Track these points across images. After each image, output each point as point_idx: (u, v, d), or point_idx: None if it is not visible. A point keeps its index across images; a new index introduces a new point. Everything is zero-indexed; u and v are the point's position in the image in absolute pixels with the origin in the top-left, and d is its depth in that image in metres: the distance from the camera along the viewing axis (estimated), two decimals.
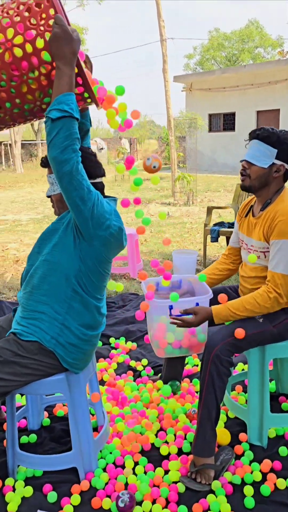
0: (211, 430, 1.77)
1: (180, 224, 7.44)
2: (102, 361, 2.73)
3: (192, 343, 1.92)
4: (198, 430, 1.78)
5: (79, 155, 1.52)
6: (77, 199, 1.54)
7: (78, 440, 1.78)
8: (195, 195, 10.10)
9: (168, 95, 9.85)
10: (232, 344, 1.77)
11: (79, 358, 1.72)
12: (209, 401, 1.76)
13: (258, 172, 1.87)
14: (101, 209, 1.61)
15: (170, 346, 1.91)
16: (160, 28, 9.51)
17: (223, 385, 1.77)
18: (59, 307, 1.68)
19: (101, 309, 1.77)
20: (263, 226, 1.88)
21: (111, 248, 1.69)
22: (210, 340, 1.79)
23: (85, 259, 1.65)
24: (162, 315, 1.89)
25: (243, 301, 1.81)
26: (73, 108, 1.48)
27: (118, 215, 1.71)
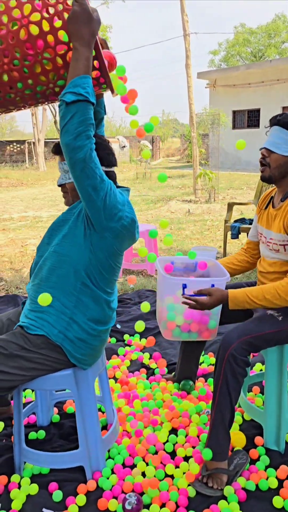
0: (224, 433, 1.68)
1: (200, 222, 7.32)
2: (115, 358, 2.67)
3: (202, 328, 1.84)
4: (210, 433, 1.70)
5: (93, 142, 1.45)
6: (89, 188, 1.48)
7: (85, 438, 1.72)
8: (217, 192, 9.94)
9: (191, 90, 9.72)
10: (249, 342, 1.68)
11: (88, 354, 1.66)
12: (222, 403, 1.67)
13: (278, 160, 1.76)
14: (113, 199, 1.54)
15: (178, 329, 1.83)
16: (184, 23, 9.38)
17: (238, 386, 1.68)
18: (67, 301, 1.62)
19: (111, 304, 1.71)
20: (283, 217, 1.78)
21: (123, 240, 1.62)
22: (225, 338, 1.70)
23: (95, 251, 1.58)
24: (173, 294, 1.81)
25: (263, 290, 1.72)
26: (89, 92, 1.41)
27: (131, 206, 1.64)
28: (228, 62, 25.80)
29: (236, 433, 1.90)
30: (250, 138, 17.75)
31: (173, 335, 1.85)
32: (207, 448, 1.69)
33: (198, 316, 1.81)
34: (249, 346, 1.68)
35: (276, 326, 1.72)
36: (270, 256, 1.87)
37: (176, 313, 1.81)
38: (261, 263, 1.95)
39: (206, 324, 1.83)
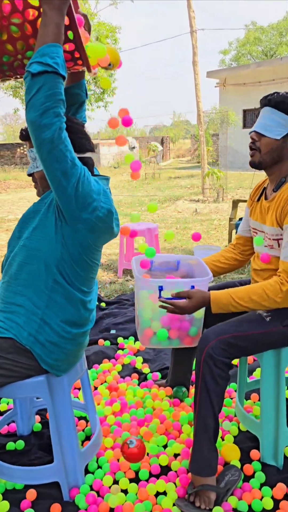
0: (209, 444, 1.51)
1: (207, 221, 7.14)
2: (107, 362, 2.51)
3: (182, 334, 1.65)
4: (194, 444, 1.53)
5: (62, 120, 1.28)
6: (58, 172, 1.31)
7: (61, 451, 1.57)
8: (226, 192, 9.74)
9: (198, 88, 9.54)
10: (228, 342, 1.50)
11: (61, 359, 1.51)
12: (203, 409, 1.50)
13: (269, 144, 1.58)
14: (87, 187, 1.38)
15: (156, 335, 1.64)
16: (190, 19, 9.22)
17: (220, 390, 1.50)
18: (38, 300, 1.47)
19: (88, 304, 1.55)
20: (275, 209, 1.60)
21: (99, 234, 1.46)
22: (203, 337, 1.54)
23: (68, 245, 1.43)
24: (148, 298, 1.63)
25: (250, 290, 1.53)
26: (58, 62, 1.25)
27: (107, 196, 1.48)
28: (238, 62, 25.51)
29: (229, 446, 1.72)
30: None
31: (151, 343, 1.66)
32: (191, 461, 1.53)
33: (177, 322, 1.63)
34: (229, 346, 1.50)
35: (263, 327, 1.54)
36: (263, 252, 1.69)
37: (152, 318, 1.63)
38: (255, 260, 1.77)
39: (187, 331, 1.64)
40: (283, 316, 1.56)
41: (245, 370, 1.94)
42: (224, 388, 1.51)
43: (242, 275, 4.12)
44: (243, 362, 1.93)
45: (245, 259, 1.92)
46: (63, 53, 1.28)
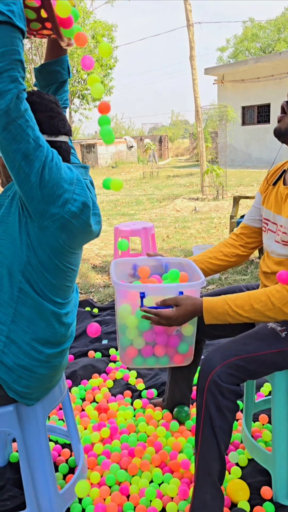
0: (213, 490, 1.25)
1: (207, 220, 6.87)
2: (97, 377, 2.24)
3: (170, 351, 1.36)
4: (195, 489, 1.26)
5: (21, 88, 1.01)
6: (18, 155, 1.05)
7: (34, 494, 1.30)
8: (226, 189, 9.47)
9: (196, 83, 9.27)
10: (238, 366, 1.23)
11: (33, 386, 1.24)
12: (207, 449, 1.24)
13: None
14: (56, 174, 1.11)
15: (140, 355, 1.36)
16: (187, 12, 8.95)
17: (227, 425, 1.24)
18: (2, 314, 1.20)
19: (64, 318, 1.28)
20: None
21: (73, 233, 1.19)
22: (206, 360, 1.27)
23: (34, 247, 1.16)
24: (129, 308, 1.34)
25: (251, 297, 1.25)
26: (14, 11, 0.98)
27: (83, 186, 1.21)
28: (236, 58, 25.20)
29: (236, 482, 1.46)
30: (260, 134, 17.17)
31: (134, 363, 1.37)
32: (192, 509, 1.26)
33: (164, 337, 1.35)
34: (239, 370, 1.24)
35: (278, 345, 1.27)
36: (277, 253, 1.42)
37: (134, 332, 1.34)
38: (265, 261, 1.50)
39: (175, 347, 1.36)
40: None
41: (253, 389, 1.68)
42: (232, 422, 1.24)
43: (245, 276, 3.85)
44: (250, 381, 1.67)
45: (248, 253, 1.64)
46: (22, 1, 1.01)
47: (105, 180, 1.33)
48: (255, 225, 1.60)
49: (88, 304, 3.23)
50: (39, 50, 14.48)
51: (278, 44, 24.17)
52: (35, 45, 14.41)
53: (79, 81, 18.67)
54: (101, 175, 16.65)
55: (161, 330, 1.34)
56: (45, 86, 1.43)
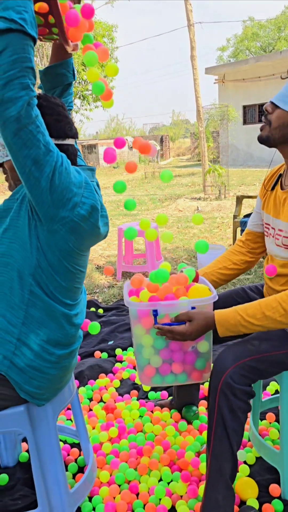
0: (225, 489, 1.26)
1: (210, 219, 6.88)
2: (104, 377, 2.26)
3: (188, 368, 1.38)
4: (206, 489, 1.28)
5: (32, 94, 1.03)
6: (28, 160, 1.06)
7: (46, 494, 1.32)
8: (228, 189, 9.47)
9: (197, 83, 9.28)
10: (250, 367, 1.25)
11: (44, 387, 1.26)
12: (219, 449, 1.25)
13: (281, 118, 1.32)
14: (65, 179, 1.13)
15: (158, 373, 1.38)
16: (188, 12, 8.96)
17: (239, 426, 1.25)
18: (13, 316, 1.22)
19: (74, 319, 1.30)
20: None
21: (82, 235, 1.21)
22: (218, 362, 1.28)
23: (44, 250, 1.18)
24: (144, 328, 1.35)
25: (262, 305, 1.26)
26: (26, 19, 0.99)
27: (91, 189, 1.23)
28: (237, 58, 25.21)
29: (245, 480, 1.47)
30: None
31: (152, 382, 1.39)
32: (203, 508, 1.27)
33: (180, 354, 1.36)
34: (251, 371, 1.25)
35: (285, 346, 1.29)
36: (280, 256, 1.42)
37: (150, 351, 1.35)
38: (269, 262, 1.51)
39: (192, 363, 1.37)
40: None
41: (260, 389, 1.69)
42: (244, 422, 1.26)
43: (248, 275, 3.86)
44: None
45: (256, 259, 1.66)
46: (33, 9, 1.03)
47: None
48: (258, 230, 1.61)
49: (93, 304, 3.25)
50: (39, 51, 14.51)
51: (279, 43, 24.14)
52: (35, 47, 14.45)
53: (80, 82, 18.70)
54: (103, 176, 16.66)
55: (177, 347, 1.34)
56: (50, 89, 1.44)
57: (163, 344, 1.33)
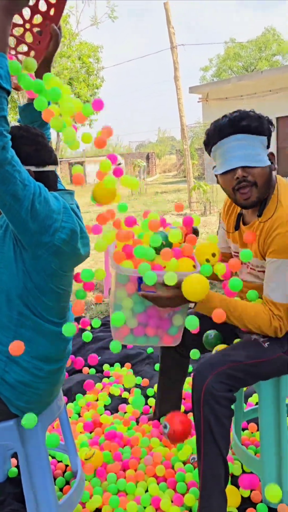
0: (219, 496, 1.33)
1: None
2: (92, 393, 2.31)
3: (161, 332, 1.46)
4: (201, 495, 1.34)
5: (6, 140, 1.12)
6: (7, 196, 1.15)
7: (36, 506, 1.37)
8: (213, 205, 9.65)
9: (181, 102, 9.53)
10: (227, 374, 1.33)
11: (34, 401, 1.32)
12: (211, 457, 1.32)
13: (263, 175, 1.36)
14: (44, 207, 1.21)
15: (132, 334, 1.45)
16: (170, 35, 9.25)
17: (226, 431, 1.33)
18: (3, 336, 1.28)
19: (62, 335, 1.37)
20: (257, 238, 1.42)
21: (64, 257, 1.29)
22: (197, 374, 1.36)
23: (30, 273, 1.25)
24: (125, 290, 1.41)
25: (244, 309, 1.37)
26: (1, 74, 1.11)
27: (69, 214, 1.30)
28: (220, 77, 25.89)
29: (229, 489, 1.53)
30: None
31: (125, 341, 1.46)
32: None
33: (156, 320, 1.44)
34: (229, 378, 1.33)
35: (261, 355, 1.37)
36: (250, 281, 1.52)
37: (128, 313, 1.42)
38: (239, 275, 1.60)
39: (166, 329, 1.46)
40: (282, 340, 1.40)
41: (241, 397, 1.76)
42: (229, 427, 1.34)
43: None
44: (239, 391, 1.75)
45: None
46: (7, 64, 1.13)
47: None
48: (227, 252, 1.67)
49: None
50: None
51: (260, 63, 24.87)
52: None
53: None
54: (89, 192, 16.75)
55: (154, 313, 1.42)
56: (29, 123, 1.51)
57: (141, 308, 1.41)
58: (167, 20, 9.08)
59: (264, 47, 25.14)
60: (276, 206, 1.37)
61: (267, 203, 1.41)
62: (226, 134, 1.36)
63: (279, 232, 1.33)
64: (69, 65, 18.00)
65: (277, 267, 1.34)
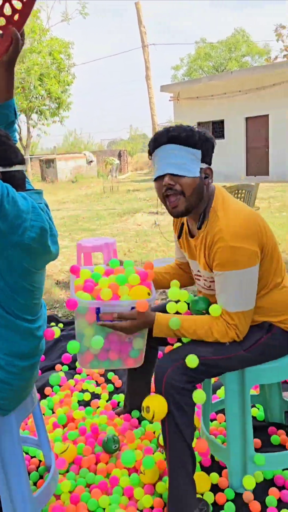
0: (187, 481, 1.40)
1: (167, 233, 7.09)
2: (65, 389, 2.35)
3: (123, 355, 1.54)
4: (170, 482, 1.41)
5: None
6: None
7: (10, 501, 1.40)
8: None
9: (152, 101, 9.61)
10: (185, 367, 1.40)
11: (9, 397, 1.35)
12: (176, 445, 1.39)
13: (191, 184, 1.41)
14: (13, 208, 1.23)
15: (96, 359, 1.53)
16: (142, 34, 9.31)
17: (188, 419, 1.40)
18: None
19: (36, 331, 1.40)
20: (203, 252, 1.49)
21: (35, 255, 1.32)
22: (157, 369, 1.44)
23: (2, 272, 1.28)
24: (86, 320, 1.48)
25: (197, 322, 1.44)
26: None
27: (38, 213, 1.33)
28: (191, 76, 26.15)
29: (199, 474, 1.61)
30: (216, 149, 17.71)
31: (91, 366, 1.55)
32: (169, 502, 1.40)
33: (117, 344, 1.52)
34: (187, 370, 1.40)
35: (221, 352, 1.44)
36: (206, 293, 1.60)
37: (89, 342, 1.49)
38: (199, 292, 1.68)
39: (127, 352, 1.54)
40: (245, 340, 1.48)
41: (209, 389, 1.84)
42: (193, 415, 1.41)
43: None
44: (207, 382, 1.83)
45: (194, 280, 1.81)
46: None
47: None
48: (185, 261, 1.76)
49: (53, 319, 3.32)
50: None
51: (230, 63, 25.25)
52: None
53: (37, 97, 18.72)
54: (61, 190, 16.66)
55: (115, 338, 1.50)
56: None
57: (102, 335, 1.48)
58: (138, 19, 9.14)
59: (234, 48, 25.55)
60: (214, 220, 1.43)
61: (206, 216, 1.47)
62: (161, 143, 1.43)
63: (219, 246, 1.38)
64: (39, 60, 17.76)
65: (224, 279, 1.41)
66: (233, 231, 1.37)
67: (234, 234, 1.36)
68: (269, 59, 24.53)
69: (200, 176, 1.43)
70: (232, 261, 1.36)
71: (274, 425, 1.93)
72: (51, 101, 19.46)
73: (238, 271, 1.37)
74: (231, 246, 1.36)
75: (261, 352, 1.50)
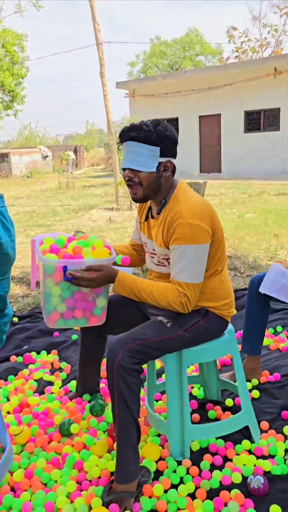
0: (133, 452, 1.58)
1: (121, 229, 7.26)
2: (19, 378, 2.46)
3: (88, 313, 1.70)
4: (118, 454, 1.58)
5: None
6: None
7: None
8: None
9: (107, 98, 9.70)
10: (135, 350, 1.58)
11: None
12: (124, 419, 1.57)
13: (147, 178, 1.64)
14: None
15: (62, 318, 1.68)
16: (96, 32, 9.36)
17: (136, 396, 1.58)
18: None
19: (3, 326, 1.54)
20: (161, 230, 1.71)
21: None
22: (110, 349, 1.60)
23: None
24: (53, 279, 1.60)
25: (154, 286, 1.64)
26: None
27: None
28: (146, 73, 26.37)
29: (150, 445, 1.80)
30: None
31: (57, 325, 1.69)
32: (117, 471, 1.57)
33: (82, 303, 1.68)
34: (137, 353, 1.58)
35: (165, 334, 1.64)
36: (156, 270, 1.81)
37: (57, 300, 1.64)
38: (150, 272, 1.87)
39: (92, 310, 1.70)
40: (182, 321, 1.67)
41: (154, 373, 2.03)
42: (139, 393, 1.59)
43: None
44: (151, 366, 2.02)
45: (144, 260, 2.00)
46: None
47: None
48: (140, 242, 1.98)
49: None
50: None
51: (184, 62, 25.67)
52: None
53: None
54: (15, 185, 16.40)
55: (80, 297, 1.65)
56: None
57: (68, 294, 1.64)
58: (92, 17, 9.18)
59: (188, 47, 25.99)
60: (175, 203, 1.67)
61: (166, 203, 1.70)
62: (125, 139, 1.64)
63: (179, 222, 1.60)
64: None
65: (180, 252, 1.61)
66: (191, 210, 1.60)
67: (192, 213, 1.59)
68: (221, 59, 25.21)
69: (157, 170, 1.64)
70: (189, 236, 1.58)
71: (212, 402, 2.15)
72: (4, 94, 19.05)
73: (193, 245, 1.59)
74: (189, 223, 1.58)
75: (198, 334, 1.70)
